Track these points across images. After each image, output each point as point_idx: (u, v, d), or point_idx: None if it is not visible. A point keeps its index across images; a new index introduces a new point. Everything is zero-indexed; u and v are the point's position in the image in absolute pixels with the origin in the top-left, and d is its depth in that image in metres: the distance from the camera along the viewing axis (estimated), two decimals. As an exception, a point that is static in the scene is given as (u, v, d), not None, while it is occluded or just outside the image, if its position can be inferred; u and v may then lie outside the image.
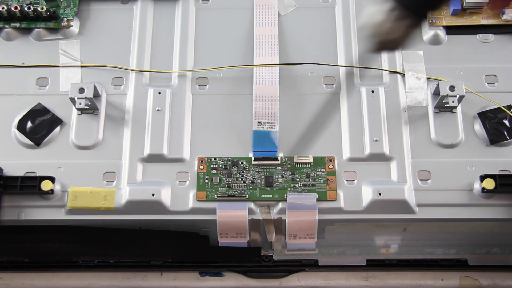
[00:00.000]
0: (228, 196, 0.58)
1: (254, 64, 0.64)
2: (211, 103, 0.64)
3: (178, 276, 0.63)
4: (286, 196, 0.58)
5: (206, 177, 0.59)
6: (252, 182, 0.59)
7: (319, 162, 0.60)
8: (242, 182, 0.59)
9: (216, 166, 0.60)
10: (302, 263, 0.63)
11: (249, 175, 0.59)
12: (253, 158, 0.60)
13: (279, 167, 0.59)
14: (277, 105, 0.62)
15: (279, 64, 0.64)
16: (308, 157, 0.60)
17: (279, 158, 0.60)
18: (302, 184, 0.59)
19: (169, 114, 0.63)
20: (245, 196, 0.59)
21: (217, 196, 0.58)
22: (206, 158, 0.60)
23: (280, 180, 0.59)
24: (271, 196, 0.59)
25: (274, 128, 0.61)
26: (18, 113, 0.63)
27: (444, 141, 0.61)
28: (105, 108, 0.63)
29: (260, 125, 0.61)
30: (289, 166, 0.60)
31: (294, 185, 0.59)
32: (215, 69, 0.65)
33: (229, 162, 0.60)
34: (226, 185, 0.59)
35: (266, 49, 0.65)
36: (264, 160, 0.60)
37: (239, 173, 0.59)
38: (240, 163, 0.60)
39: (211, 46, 0.67)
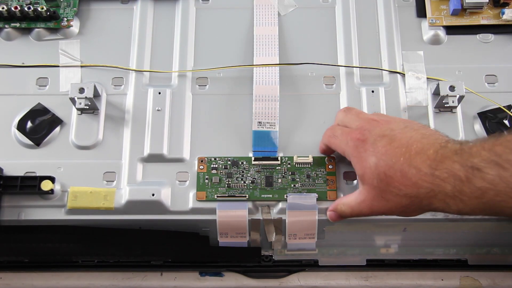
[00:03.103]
0: (228, 196, 0.58)
1: (254, 63, 0.64)
2: (211, 103, 0.64)
3: (178, 276, 0.63)
4: (286, 196, 0.58)
5: (206, 177, 0.59)
6: (252, 182, 0.59)
7: (319, 162, 0.60)
8: (242, 182, 0.59)
9: (216, 166, 0.60)
10: (302, 263, 0.63)
11: (249, 175, 0.59)
12: (253, 158, 0.60)
13: (279, 167, 0.59)
14: (277, 105, 0.62)
15: (279, 64, 0.64)
16: (308, 157, 0.59)
17: (279, 158, 0.60)
18: (302, 184, 0.59)
19: (169, 114, 0.63)
20: (245, 196, 0.58)
21: (217, 196, 0.58)
22: (206, 158, 0.60)
23: (280, 180, 0.59)
24: (271, 196, 0.59)
25: (274, 128, 0.61)
26: (18, 113, 0.63)
27: (444, 141, 0.61)
28: (105, 108, 0.63)
29: (260, 125, 0.61)
30: (289, 166, 0.59)
31: (294, 185, 0.59)
32: (215, 69, 0.65)
33: (229, 162, 0.60)
34: (226, 185, 0.59)
35: (266, 49, 0.65)
36: (264, 160, 0.60)
37: (239, 173, 0.59)
38: (240, 163, 0.60)
39: (211, 46, 0.67)
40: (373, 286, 0.62)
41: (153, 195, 0.58)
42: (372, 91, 0.63)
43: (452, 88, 0.60)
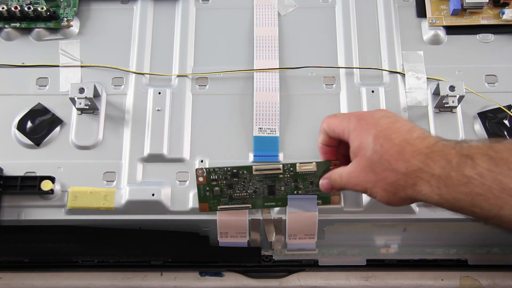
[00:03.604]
0: (231, 206, 0.57)
1: (254, 66, 0.64)
2: (211, 103, 0.64)
3: (178, 276, 0.63)
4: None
5: (207, 188, 0.57)
6: (255, 191, 0.57)
7: (323, 168, 0.56)
8: (244, 192, 0.57)
9: (216, 177, 0.56)
10: (302, 263, 0.63)
11: (250, 184, 0.56)
12: (254, 168, 0.56)
13: (282, 175, 0.56)
14: (277, 111, 0.62)
15: (279, 68, 0.64)
16: (311, 164, 0.56)
17: (280, 167, 0.56)
18: (306, 192, 0.57)
19: (169, 114, 0.63)
20: (249, 206, 0.57)
21: (220, 208, 0.57)
22: (205, 169, 0.56)
23: (283, 188, 0.57)
24: (274, 204, 0.57)
25: (275, 134, 0.61)
26: (18, 113, 0.63)
27: (444, 141, 0.61)
28: (105, 108, 0.63)
29: (261, 130, 0.61)
30: (292, 173, 0.56)
31: (297, 192, 0.57)
32: (215, 73, 0.65)
33: (229, 173, 0.56)
34: (228, 196, 0.57)
35: (266, 52, 0.65)
36: (266, 170, 0.56)
37: (240, 184, 0.56)
38: (241, 172, 0.56)
39: (211, 46, 0.67)
40: (373, 286, 0.62)
41: (153, 195, 0.58)
42: (372, 91, 0.63)
43: (452, 88, 0.60)
